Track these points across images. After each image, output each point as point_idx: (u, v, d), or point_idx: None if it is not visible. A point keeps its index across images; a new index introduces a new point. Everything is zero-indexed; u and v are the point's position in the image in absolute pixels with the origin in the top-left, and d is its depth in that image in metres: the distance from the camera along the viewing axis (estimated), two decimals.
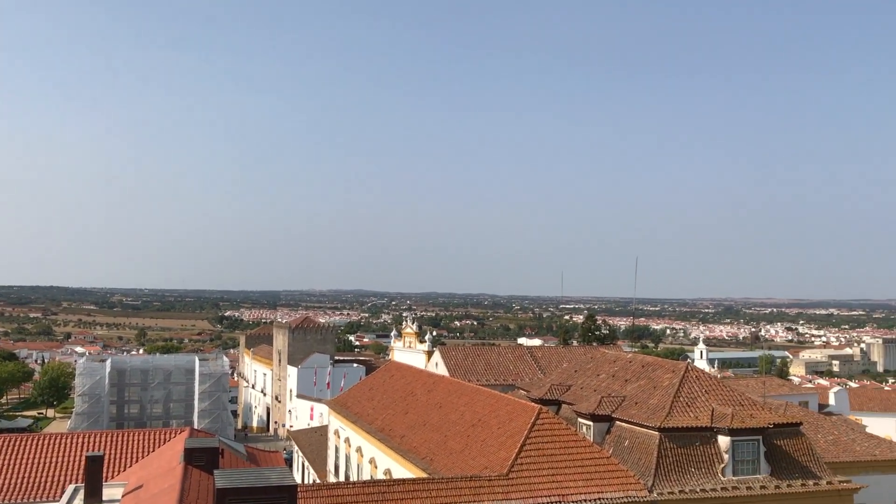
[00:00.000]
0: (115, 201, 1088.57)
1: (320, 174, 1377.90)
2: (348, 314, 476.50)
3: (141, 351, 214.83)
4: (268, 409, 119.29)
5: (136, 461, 36.83)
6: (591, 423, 37.00)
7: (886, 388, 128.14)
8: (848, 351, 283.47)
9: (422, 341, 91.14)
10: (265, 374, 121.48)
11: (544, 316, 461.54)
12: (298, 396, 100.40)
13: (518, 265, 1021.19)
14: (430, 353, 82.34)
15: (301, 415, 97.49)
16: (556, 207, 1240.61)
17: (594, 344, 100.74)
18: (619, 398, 38.29)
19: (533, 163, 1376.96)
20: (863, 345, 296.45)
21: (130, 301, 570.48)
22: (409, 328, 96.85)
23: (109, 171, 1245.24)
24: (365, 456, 44.28)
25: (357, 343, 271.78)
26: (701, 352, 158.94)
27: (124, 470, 35.99)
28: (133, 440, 38.85)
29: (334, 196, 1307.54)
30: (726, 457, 33.63)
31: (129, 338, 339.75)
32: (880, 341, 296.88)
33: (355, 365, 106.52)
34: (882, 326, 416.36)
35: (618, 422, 36.64)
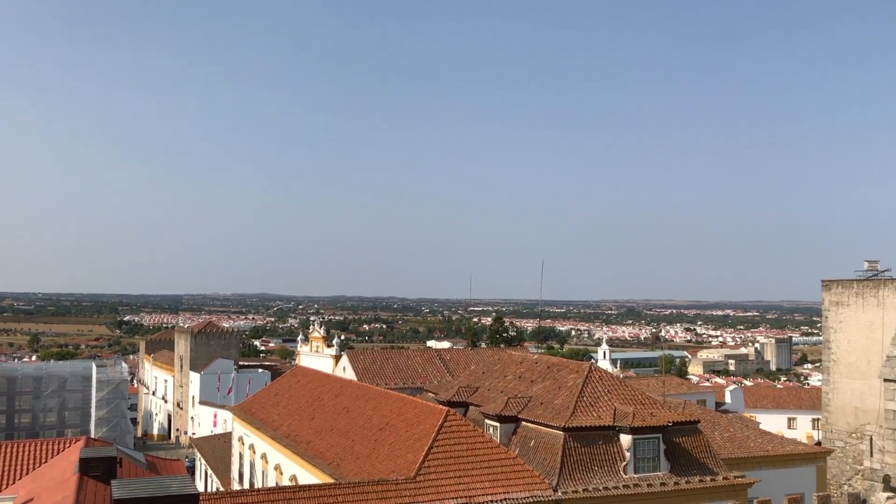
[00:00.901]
0: (3, 201, 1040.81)
1: (221, 175, 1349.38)
2: (253, 318, 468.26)
3: (34, 357, 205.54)
4: (169, 416, 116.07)
5: (27, 473, 35.24)
6: (497, 424, 37.32)
7: (778, 385, 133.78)
8: (743, 350, 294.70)
9: (329, 345, 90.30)
10: (166, 381, 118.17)
11: (453, 318, 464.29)
12: (201, 403, 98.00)
13: (428, 268, 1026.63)
14: (337, 358, 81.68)
15: (204, 422, 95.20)
16: (465, 210, 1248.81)
17: (502, 346, 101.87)
18: (526, 399, 38.77)
19: (441, 164, 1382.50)
20: (757, 344, 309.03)
21: (22, 306, 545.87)
22: (317, 332, 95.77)
23: None
24: (270, 462, 43.52)
25: (262, 348, 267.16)
26: (604, 352, 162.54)
27: (14, 483, 34.37)
28: (24, 451, 37.20)
29: (237, 197, 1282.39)
30: (628, 455, 34.45)
31: (20, 344, 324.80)
32: (773, 341, 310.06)
33: (260, 370, 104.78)
34: (775, 327, 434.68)
35: (524, 422, 37.07)
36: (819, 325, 59.20)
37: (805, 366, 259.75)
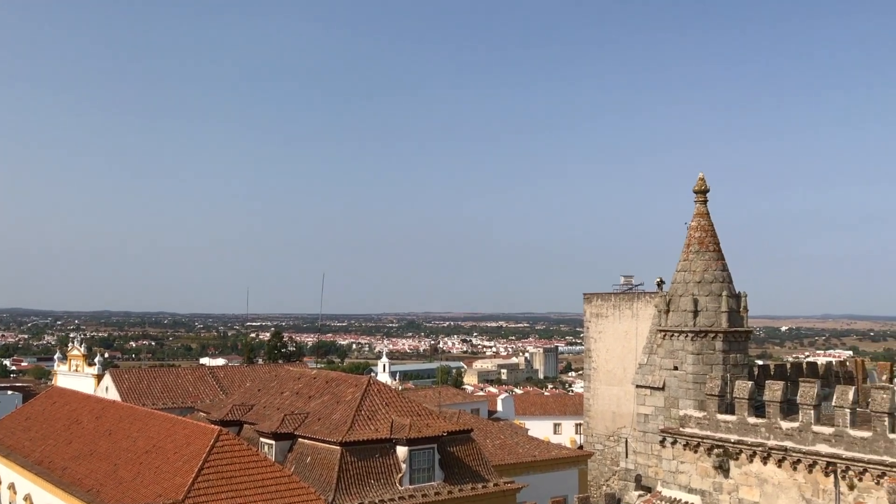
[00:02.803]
0: None
1: None
2: (3, 335, 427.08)
3: None
4: None
5: None
6: (273, 441, 36.38)
7: (546, 393, 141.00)
8: (514, 360, 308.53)
9: (91, 364, 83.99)
10: None
11: (229, 334, 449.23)
12: None
13: (201, 282, 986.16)
14: (99, 377, 76.10)
15: None
16: (240, 222, 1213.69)
17: (280, 362, 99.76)
18: (303, 415, 38.14)
19: (215, 171, 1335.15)
20: (527, 354, 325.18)
21: None
22: (77, 350, 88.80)
23: None
24: (19, 493, 39.72)
25: (14, 368, 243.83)
26: (384, 365, 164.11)
27: None
28: None
29: None
30: (404, 466, 34.80)
31: None
32: (541, 350, 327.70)
33: (10, 392, 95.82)
34: (543, 337, 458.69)
35: (300, 439, 36.46)
36: (582, 335, 63.13)
37: (570, 373, 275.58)
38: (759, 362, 46.98)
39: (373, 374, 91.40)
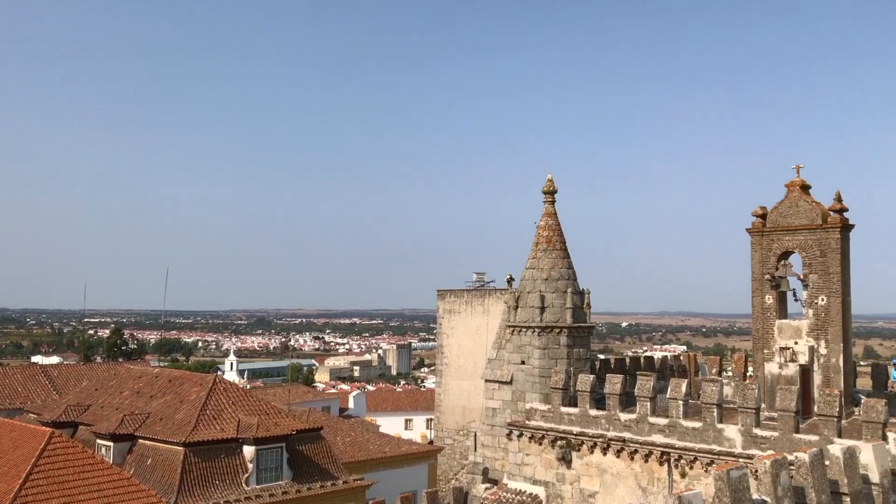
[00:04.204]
0: None
1: None
2: None
3: None
4: None
5: None
6: (111, 443, 34.68)
7: (398, 389, 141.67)
8: (367, 357, 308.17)
9: None
10: None
11: (65, 331, 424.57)
12: None
13: (33, 275, 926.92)
14: None
15: None
16: (77, 212, 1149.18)
17: (120, 360, 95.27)
18: (144, 415, 36.57)
19: (41, 161, 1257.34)
20: (380, 351, 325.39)
21: None
22: None
23: None
24: None
25: None
26: (231, 363, 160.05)
27: None
28: None
29: None
30: (251, 466, 33.98)
31: None
32: (395, 347, 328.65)
33: None
34: (397, 333, 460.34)
35: (141, 440, 34.94)
36: (435, 331, 63.76)
37: (422, 369, 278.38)
38: (602, 356, 48.97)
39: (219, 373, 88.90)
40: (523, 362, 32.72)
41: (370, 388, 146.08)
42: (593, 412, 29.84)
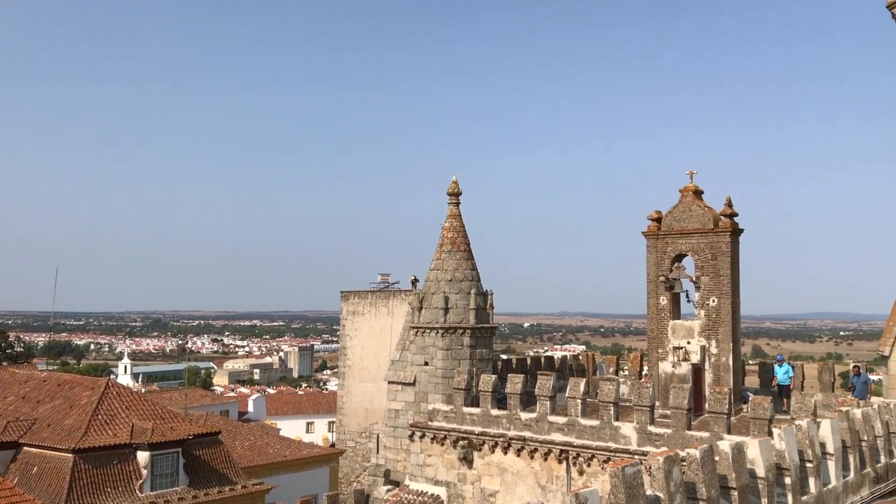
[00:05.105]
0: None
1: None
2: None
3: None
4: None
5: None
6: None
7: (300, 392, 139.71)
8: (268, 359, 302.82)
9: None
10: None
11: None
12: None
13: None
14: None
15: None
16: None
17: (5, 364, 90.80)
18: (30, 421, 34.92)
19: None
20: (281, 353, 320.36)
21: None
22: None
23: None
24: None
25: None
26: (125, 366, 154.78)
27: None
28: None
29: None
30: (145, 472, 32.90)
31: None
32: (296, 349, 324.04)
33: None
34: (299, 335, 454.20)
35: (26, 447, 33.34)
36: (338, 332, 63.24)
37: (325, 372, 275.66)
38: (504, 356, 49.57)
39: (112, 377, 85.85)
40: (427, 363, 32.77)
41: (271, 391, 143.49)
42: (495, 412, 30.14)
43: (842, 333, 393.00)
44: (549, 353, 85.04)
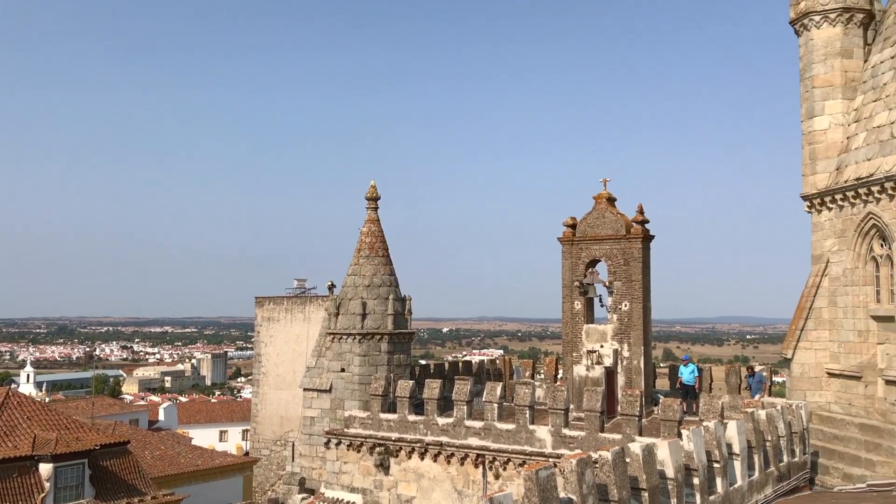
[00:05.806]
0: None
1: None
2: None
3: None
4: None
5: None
6: None
7: (213, 400, 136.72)
8: (180, 367, 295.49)
9: None
10: None
11: None
12: None
13: None
14: None
15: None
16: None
17: None
18: None
19: None
20: (194, 360, 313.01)
21: None
22: None
23: None
24: None
25: None
26: (28, 375, 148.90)
27: None
28: None
29: None
30: (48, 485, 31.67)
31: None
32: (209, 356, 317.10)
33: None
34: (212, 342, 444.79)
35: None
36: (253, 339, 62.14)
37: (239, 379, 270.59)
38: (423, 362, 49.58)
39: (13, 386, 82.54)
40: (343, 370, 32.49)
41: (182, 399, 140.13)
42: (412, 417, 30.08)
43: (748, 337, 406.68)
44: (467, 358, 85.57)
